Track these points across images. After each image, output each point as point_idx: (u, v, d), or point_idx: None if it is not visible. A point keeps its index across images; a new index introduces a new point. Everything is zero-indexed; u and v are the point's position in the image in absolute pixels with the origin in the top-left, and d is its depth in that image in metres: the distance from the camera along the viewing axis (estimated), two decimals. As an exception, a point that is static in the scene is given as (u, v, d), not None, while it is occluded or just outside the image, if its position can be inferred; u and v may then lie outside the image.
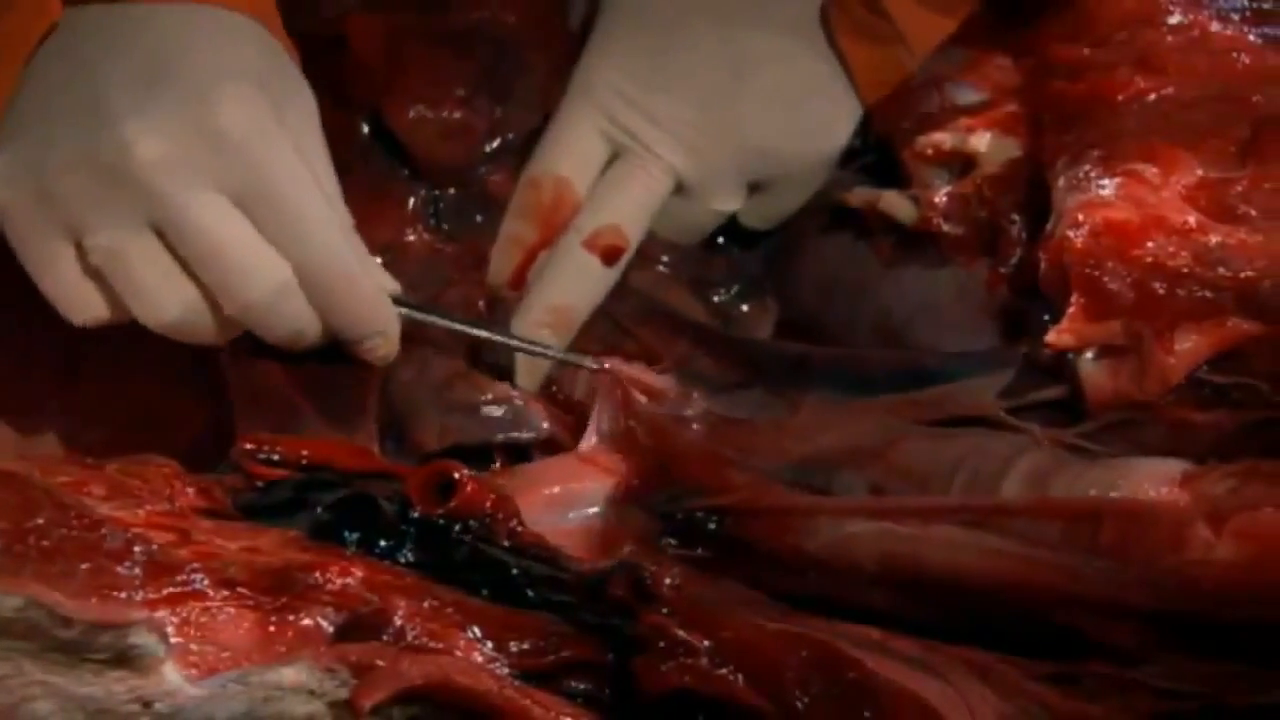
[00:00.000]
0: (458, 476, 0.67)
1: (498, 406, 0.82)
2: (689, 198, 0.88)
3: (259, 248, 0.73)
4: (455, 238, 0.88)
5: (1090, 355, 0.75)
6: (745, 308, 0.91)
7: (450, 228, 0.89)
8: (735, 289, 0.91)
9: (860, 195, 0.88)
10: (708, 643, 0.60)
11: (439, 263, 0.87)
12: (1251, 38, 0.85)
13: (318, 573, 0.61)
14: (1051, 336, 0.75)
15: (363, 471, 0.70)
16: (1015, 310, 0.83)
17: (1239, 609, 0.63)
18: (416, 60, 0.89)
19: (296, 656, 0.57)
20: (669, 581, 0.62)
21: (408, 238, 0.88)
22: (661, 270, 0.90)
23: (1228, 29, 0.85)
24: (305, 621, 0.60)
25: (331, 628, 0.60)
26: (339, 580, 0.61)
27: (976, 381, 0.77)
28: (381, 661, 0.57)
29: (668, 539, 0.73)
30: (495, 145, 0.89)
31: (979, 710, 0.59)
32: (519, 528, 0.66)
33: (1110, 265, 0.74)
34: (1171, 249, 0.74)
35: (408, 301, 0.79)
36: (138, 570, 0.58)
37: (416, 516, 0.66)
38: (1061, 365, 0.75)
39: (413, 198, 0.89)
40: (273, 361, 0.78)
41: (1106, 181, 0.77)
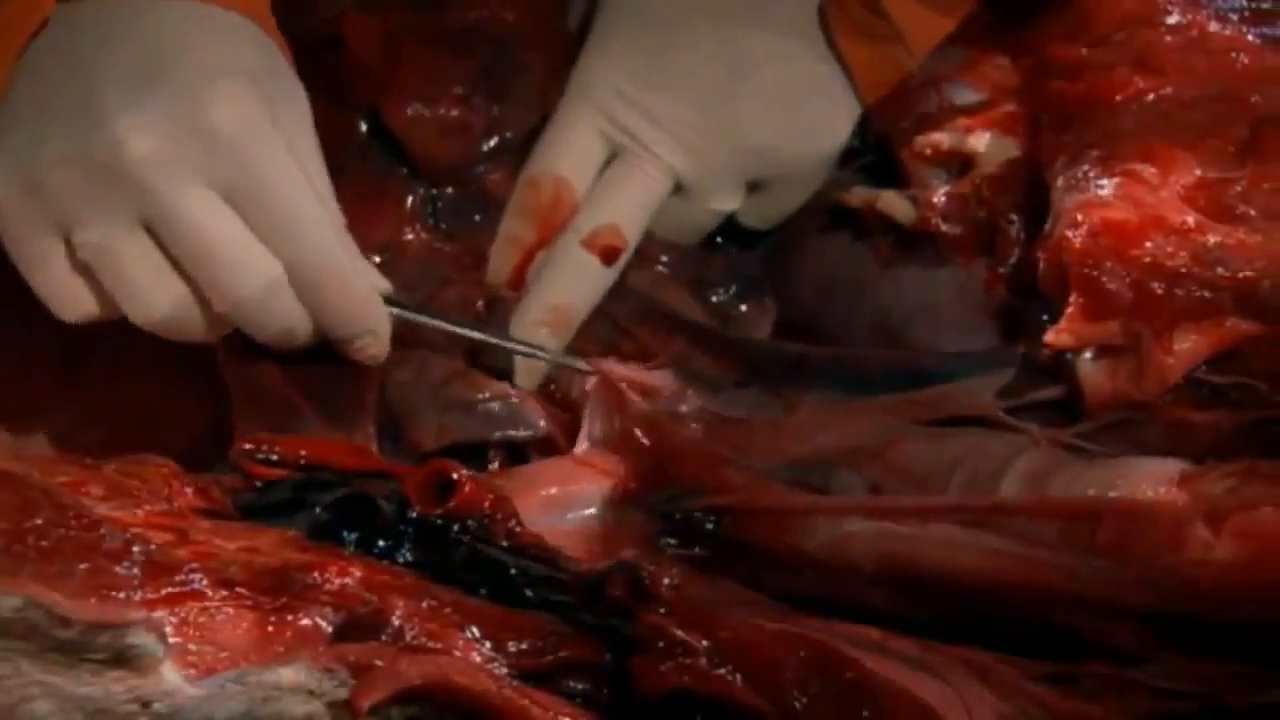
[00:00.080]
0: (456, 477, 0.66)
1: (495, 405, 0.82)
2: (688, 197, 0.88)
3: (250, 245, 0.72)
4: (453, 237, 0.88)
5: (1089, 355, 0.75)
6: (744, 308, 0.91)
7: (448, 227, 0.88)
8: (734, 289, 0.91)
9: (859, 195, 0.88)
10: (706, 643, 0.60)
11: (437, 262, 0.87)
12: (1250, 38, 0.85)
13: (316, 573, 0.61)
14: (1050, 336, 0.75)
15: (361, 471, 0.69)
16: (1013, 310, 0.83)
17: (1238, 609, 0.63)
18: (414, 59, 0.89)
19: (295, 656, 0.57)
20: (667, 581, 0.62)
21: (406, 237, 0.87)
22: (660, 270, 0.90)
23: (1226, 29, 0.85)
24: (304, 621, 0.60)
25: (330, 628, 0.60)
26: (337, 580, 0.61)
27: (975, 381, 0.77)
28: (380, 661, 0.57)
29: (666, 539, 0.73)
30: (493, 144, 0.89)
31: (977, 710, 0.59)
32: (517, 528, 0.66)
33: (1109, 265, 0.74)
34: (1170, 249, 0.74)
35: (399, 301, 0.79)
36: (136, 570, 0.58)
37: (415, 516, 0.66)
38: (1060, 365, 0.75)
39: (411, 197, 0.88)
40: (271, 362, 0.78)
41: (1105, 181, 0.77)
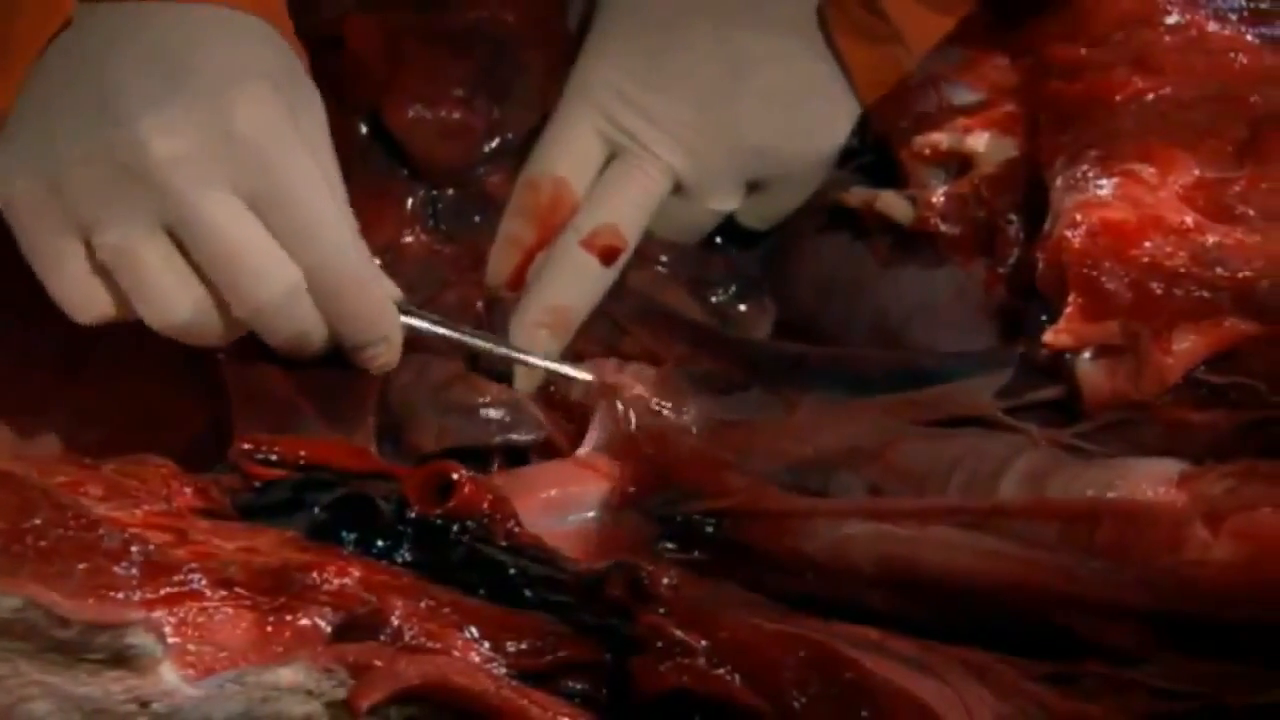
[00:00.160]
0: (455, 477, 0.66)
1: (495, 408, 0.82)
2: (687, 198, 0.88)
3: (271, 250, 0.72)
4: (453, 238, 0.88)
5: (1087, 355, 0.75)
6: (743, 308, 0.91)
7: (448, 228, 0.88)
8: (733, 289, 0.91)
9: (858, 195, 0.88)
10: (705, 643, 0.60)
11: (437, 263, 0.87)
12: (1249, 38, 0.85)
13: (315, 573, 0.61)
14: (1049, 336, 0.75)
15: (360, 472, 0.69)
16: (1012, 310, 0.83)
17: (1236, 609, 0.63)
18: (415, 60, 0.89)
19: (294, 657, 0.57)
20: (666, 581, 0.62)
21: (405, 239, 0.87)
22: (659, 270, 0.90)
23: (1225, 29, 0.85)
24: (303, 622, 0.60)
25: (329, 628, 0.60)
26: (336, 580, 0.61)
27: (974, 381, 0.77)
28: (379, 662, 0.57)
29: (664, 543, 0.73)
30: (494, 145, 0.89)
31: (976, 710, 0.59)
32: (516, 528, 0.66)
33: (1108, 265, 0.74)
34: (1169, 249, 0.74)
35: (412, 309, 0.79)
36: (135, 570, 0.58)
37: (414, 517, 0.66)
38: (1059, 365, 0.75)
39: (411, 198, 0.88)
40: (271, 363, 0.78)
41: (1104, 181, 0.77)
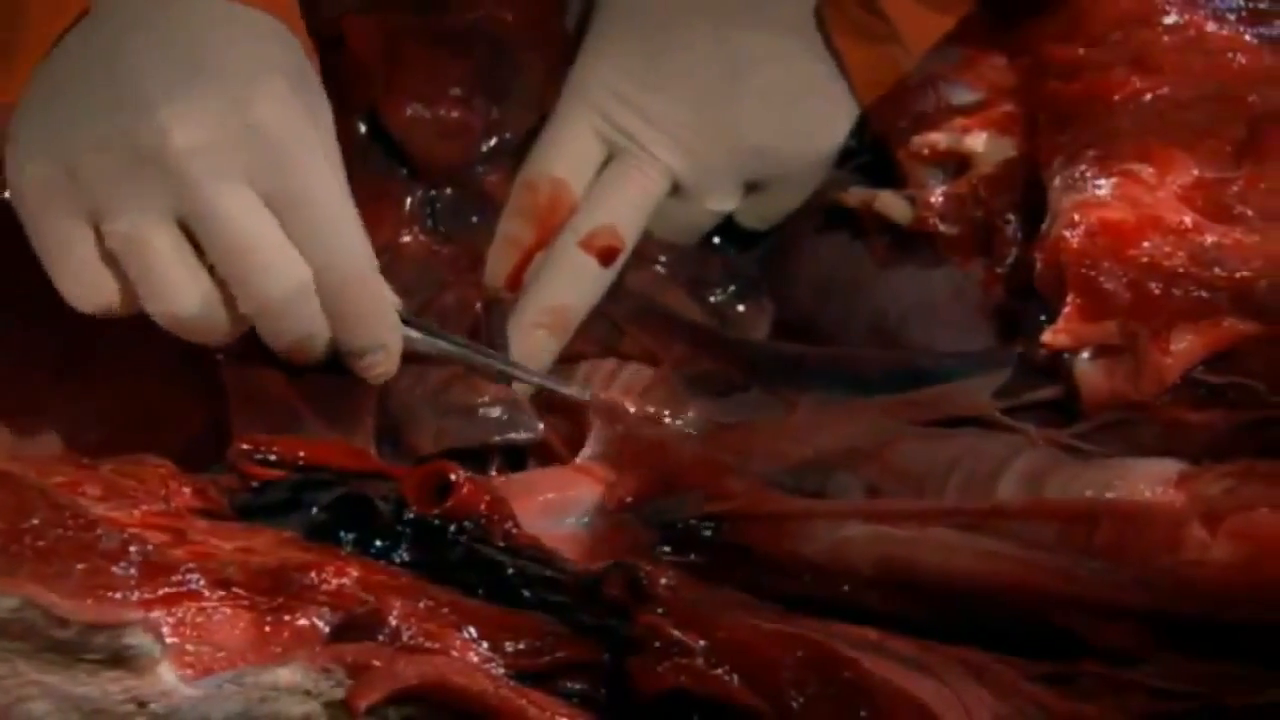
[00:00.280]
0: (454, 477, 0.67)
1: (494, 410, 0.82)
2: (685, 198, 0.88)
3: (283, 247, 0.72)
4: (452, 239, 0.88)
5: (1086, 355, 0.75)
6: (741, 308, 0.91)
7: (446, 229, 0.88)
8: (732, 289, 0.91)
9: (856, 195, 0.88)
10: (703, 643, 0.60)
11: (435, 264, 0.87)
12: (1248, 38, 0.85)
13: (313, 573, 0.61)
14: (1047, 336, 0.75)
15: (359, 472, 0.69)
16: (1011, 310, 0.83)
17: (1234, 609, 0.63)
18: (414, 60, 0.89)
19: (292, 657, 0.57)
20: (664, 582, 0.62)
21: (404, 239, 0.87)
22: (658, 271, 0.90)
23: (1224, 29, 0.85)
24: (301, 622, 0.60)
25: (327, 628, 0.60)
26: (334, 580, 0.61)
27: (972, 381, 0.77)
28: (377, 661, 0.57)
29: (662, 547, 0.72)
30: (492, 145, 0.89)
31: (975, 710, 0.59)
32: (514, 529, 0.66)
33: (1106, 265, 0.74)
34: (1167, 249, 0.74)
35: (411, 320, 0.79)
36: (133, 570, 0.58)
37: (412, 517, 0.66)
38: (1057, 365, 0.75)
39: (409, 198, 0.88)
40: (270, 364, 0.78)
41: (1102, 181, 0.77)
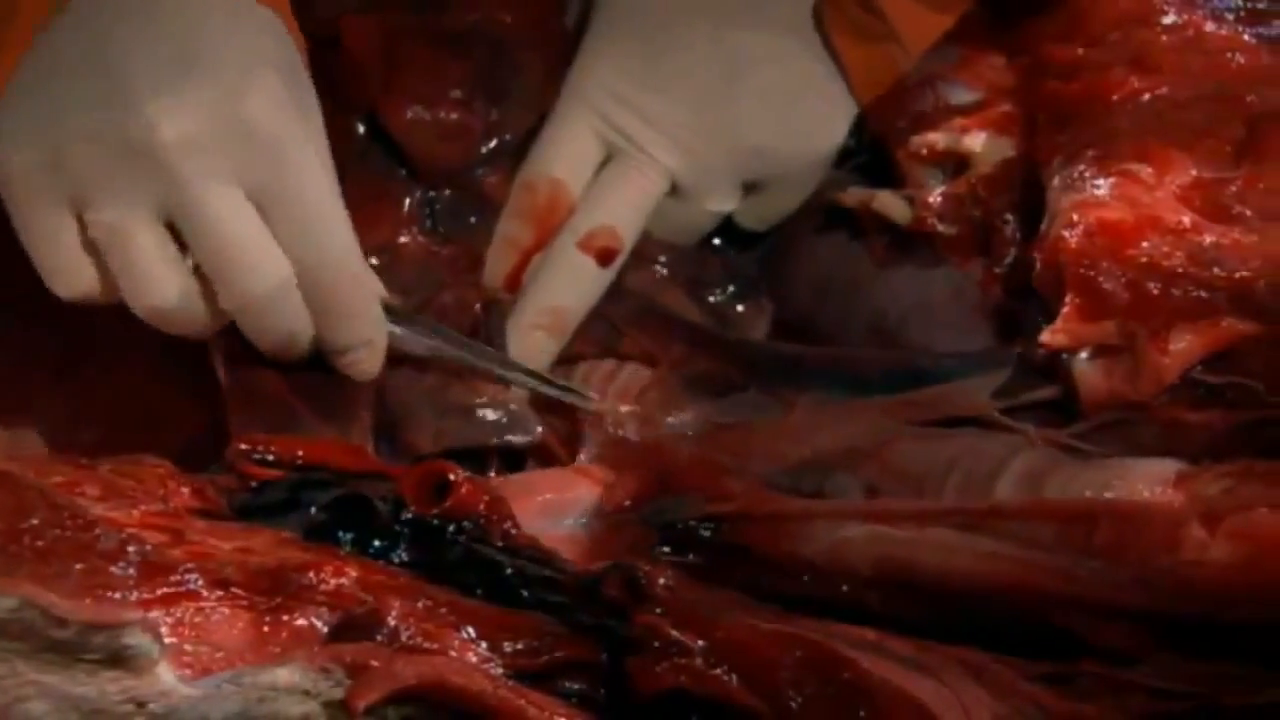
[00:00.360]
0: (452, 477, 0.67)
1: (493, 410, 0.82)
2: (684, 199, 0.88)
3: (267, 244, 0.72)
4: (450, 240, 0.88)
5: (1084, 355, 0.75)
6: (740, 308, 0.91)
7: (445, 229, 0.88)
8: (730, 289, 0.91)
9: (855, 195, 0.88)
10: (702, 643, 0.60)
11: (434, 265, 0.87)
12: (1246, 37, 0.85)
13: (312, 573, 0.61)
14: (1046, 336, 0.75)
15: (357, 472, 0.69)
16: (1009, 310, 0.83)
17: (1233, 609, 0.63)
18: (413, 61, 0.89)
19: (291, 657, 0.57)
20: (663, 582, 0.62)
21: (402, 239, 0.87)
22: (657, 271, 0.90)
23: (1222, 29, 0.85)
24: (299, 622, 0.60)
25: (326, 628, 0.60)
26: (333, 580, 0.61)
27: (971, 382, 0.77)
28: (376, 662, 0.57)
29: (661, 548, 0.72)
30: (492, 146, 0.89)
31: (973, 710, 0.59)
32: (513, 529, 0.66)
33: (1105, 265, 0.74)
34: (1166, 249, 0.74)
35: (399, 316, 0.79)
36: (132, 571, 0.58)
37: (411, 517, 0.66)
38: (1055, 365, 0.75)
39: (408, 199, 0.88)
40: (268, 364, 0.78)
41: (1101, 181, 0.77)
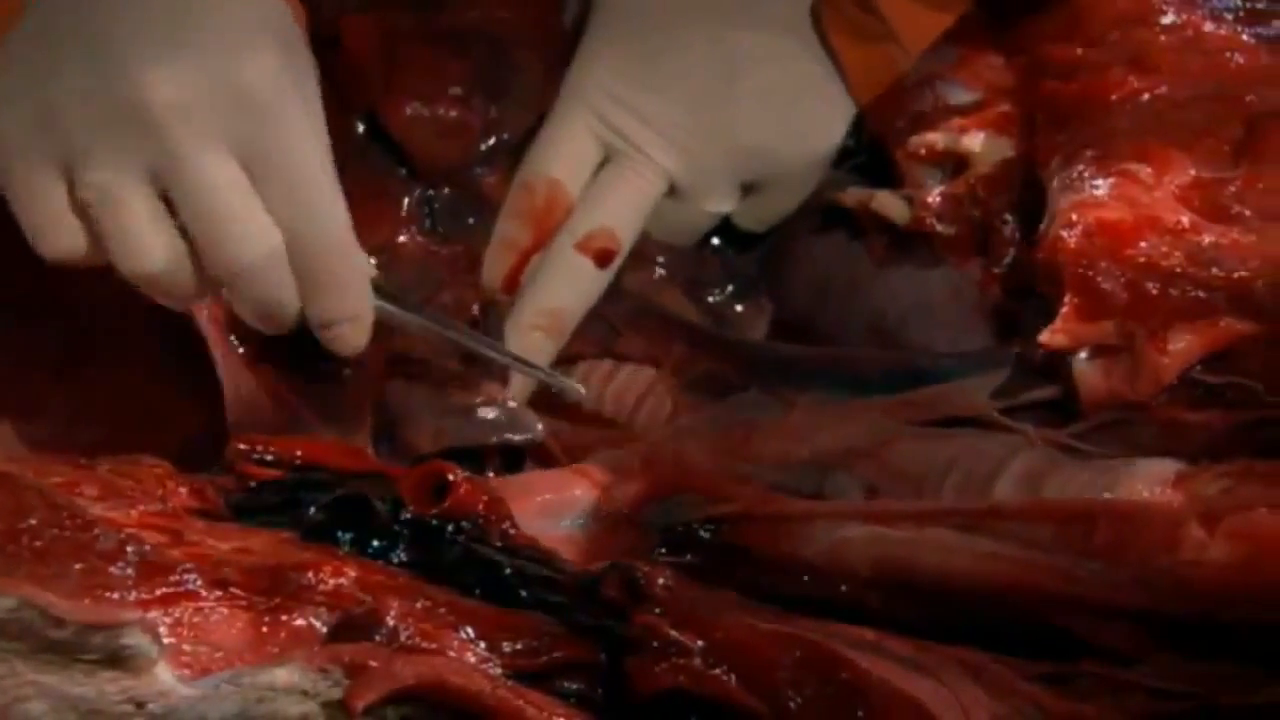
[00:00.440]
0: (451, 477, 0.67)
1: (492, 410, 0.82)
2: (682, 199, 0.88)
3: (257, 210, 0.70)
4: (449, 240, 0.88)
5: (1084, 355, 0.75)
6: (739, 308, 0.91)
7: (444, 229, 0.88)
8: (729, 290, 0.91)
9: (853, 195, 0.88)
10: (701, 643, 0.60)
11: (433, 265, 0.87)
12: (1245, 37, 0.85)
13: (311, 573, 0.61)
14: (1045, 336, 0.74)
15: (356, 472, 0.69)
16: (1008, 310, 0.83)
17: (1232, 609, 0.63)
18: (412, 59, 0.89)
19: (289, 657, 0.57)
20: (662, 582, 0.62)
21: (401, 239, 0.87)
22: (656, 271, 0.90)
23: (1221, 29, 0.85)
24: (298, 622, 0.60)
25: (324, 628, 0.60)
26: (332, 580, 0.61)
27: (970, 381, 0.77)
28: (375, 662, 0.57)
29: (660, 549, 0.72)
30: (490, 144, 0.89)
31: (972, 710, 0.59)
32: (512, 529, 0.66)
33: (1103, 265, 0.74)
34: (1165, 249, 0.74)
35: (387, 293, 0.78)
36: (130, 571, 0.58)
37: (410, 517, 0.66)
38: (1054, 365, 0.75)
39: (407, 198, 0.88)
40: (267, 363, 0.78)
41: (1100, 181, 0.77)
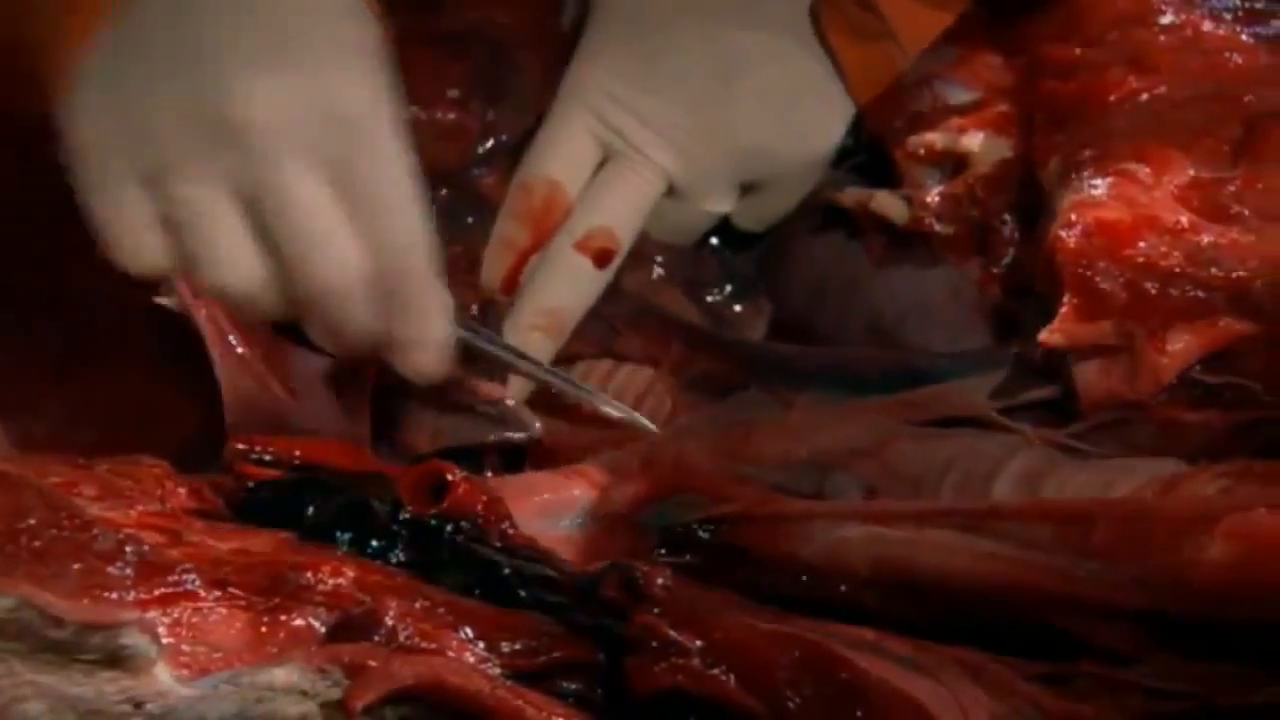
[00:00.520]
0: (450, 477, 0.67)
1: (490, 409, 0.82)
2: (681, 199, 0.88)
3: (346, 232, 0.69)
4: (448, 241, 0.88)
5: (1082, 355, 0.75)
6: (738, 308, 0.91)
7: (443, 231, 0.88)
8: (728, 289, 0.91)
9: (852, 195, 0.88)
10: (699, 643, 0.60)
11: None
12: (1244, 37, 0.85)
13: (309, 573, 0.61)
14: (1044, 336, 0.74)
15: (355, 472, 0.69)
16: (1007, 310, 0.83)
17: (1231, 609, 0.63)
18: (410, 61, 0.88)
19: (288, 657, 0.57)
20: (660, 582, 0.62)
21: (400, 239, 0.87)
22: (654, 271, 0.90)
23: (1220, 28, 0.85)
24: (297, 622, 0.60)
25: (323, 628, 0.60)
26: (331, 580, 0.61)
27: (968, 381, 0.77)
28: (373, 662, 0.57)
29: (659, 550, 0.72)
30: (489, 146, 0.89)
31: (971, 710, 0.59)
32: (510, 529, 0.66)
33: (1102, 265, 0.74)
34: (1164, 249, 0.74)
35: (467, 324, 0.77)
36: (129, 571, 0.58)
37: (408, 517, 0.66)
38: (1053, 365, 0.75)
39: (406, 199, 0.88)
40: (265, 362, 0.78)
41: (1099, 181, 0.77)
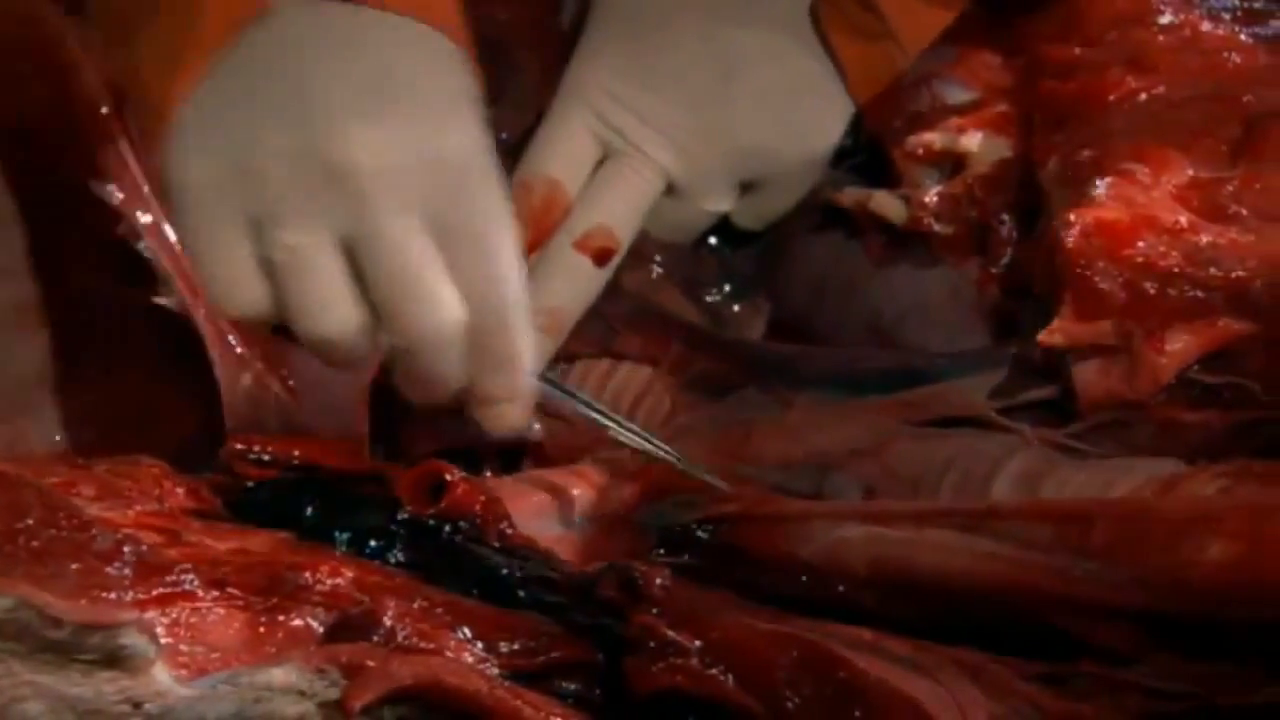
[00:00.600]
0: (448, 477, 0.67)
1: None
2: (680, 198, 0.88)
3: (446, 283, 0.68)
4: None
5: (1082, 355, 0.75)
6: (737, 308, 0.91)
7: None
8: (727, 289, 0.91)
9: (851, 195, 0.88)
10: (698, 643, 0.60)
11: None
12: (1243, 37, 0.85)
13: (308, 573, 0.61)
14: (1043, 336, 0.74)
15: (353, 472, 0.70)
16: (1006, 310, 0.83)
17: (1230, 609, 0.63)
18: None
19: (286, 657, 0.57)
20: (659, 582, 0.62)
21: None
22: (654, 271, 0.90)
23: (1219, 28, 0.85)
24: (295, 622, 0.60)
25: (321, 628, 0.60)
26: (329, 581, 0.61)
27: (967, 381, 0.77)
28: (372, 662, 0.57)
29: (657, 550, 0.72)
30: (488, 145, 0.89)
31: (970, 710, 0.59)
32: (509, 529, 0.66)
33: (1101, 265, 0.74)
34: (1162, 249, 0.74)
35: (548, 377, 0.77)
36: (127, 571, 0.58)
37: (407, 517, 0.66)
38: (1052, 365, 0.75)
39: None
40: (264, 363, 0.78)
41: (1098, 181, 0.77)
